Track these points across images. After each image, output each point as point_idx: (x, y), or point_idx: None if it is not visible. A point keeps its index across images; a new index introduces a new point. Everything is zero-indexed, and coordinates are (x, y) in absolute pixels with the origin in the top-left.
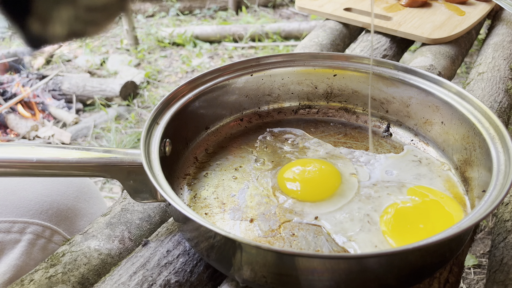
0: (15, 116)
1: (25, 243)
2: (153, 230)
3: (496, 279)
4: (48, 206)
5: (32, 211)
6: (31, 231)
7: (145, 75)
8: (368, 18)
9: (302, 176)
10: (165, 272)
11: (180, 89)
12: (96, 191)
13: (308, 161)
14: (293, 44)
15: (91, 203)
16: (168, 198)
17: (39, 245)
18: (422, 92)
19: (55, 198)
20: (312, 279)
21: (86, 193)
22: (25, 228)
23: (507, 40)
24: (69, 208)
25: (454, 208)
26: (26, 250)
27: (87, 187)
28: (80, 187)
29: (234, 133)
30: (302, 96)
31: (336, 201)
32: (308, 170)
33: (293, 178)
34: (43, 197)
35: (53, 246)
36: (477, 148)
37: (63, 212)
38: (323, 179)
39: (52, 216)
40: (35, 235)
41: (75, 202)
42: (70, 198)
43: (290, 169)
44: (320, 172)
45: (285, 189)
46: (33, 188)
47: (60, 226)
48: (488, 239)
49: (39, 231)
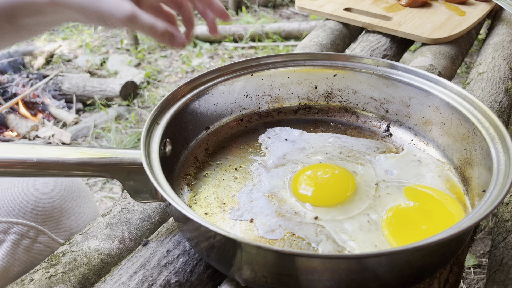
0: (15, 116)
1: (9, 244)
2: (153, 230)
3: (496, 279)
4: (33, 205)
5: (17, 211)
6: (16, 231)
7: (145, 75)
8: (368, 18)
9: (316, 181)
10: (165, 272)
11: (180, 89)
12: (84, 189)
13: (323, 166)
14: (293, 44)
15: (79, 202)
16: (168, 198)
17: (23, 245)
18: (422, 92)
19: (41, 198)
20: (312, 279)
21: (73, 192)
22: (9, 228)
23: (507, 40)
24: (55, 207)
25: (455, 207)
26: (10, 251)
27: (75, 185)
28: (67, 186)
29: (234, 133)
30: (302, 96)
31: (347, 207)
32: (321, 176)
33: (308, 183)
34: (28, 196)
35: (38, 246)
36: (477, 148)
37: (49, 211)
38: (338, 185)
39: (37, 215)
40: (20, 235)
41: (62, 201)
42: (56, 197)
43: (304, 173)
44: (334, 178)
45: (297, 193)
46: (18, 187)
47: (46, 225)
48: (488, 239)
49: (24, 231)
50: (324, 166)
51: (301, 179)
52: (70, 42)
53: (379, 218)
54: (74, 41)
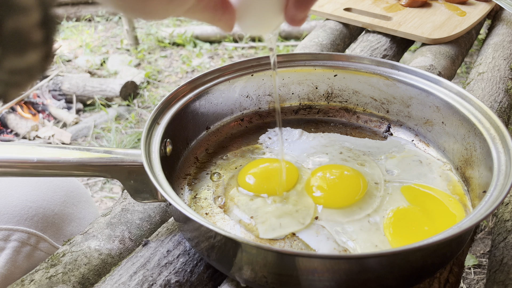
0: (15, 116)
1: (10, 251)
2: (153, 230)
3: (496, 279)
4: (34, 212)
5: (17, 218)
6: (16, 238)
7: (145, 75)
8: (368, 18)
9: (329, 183)
10: (165, 272)
11: (180, 89)
12: (85, 194)
13: (335, 167)
14: (293, 44)
15: (80, 207)
16: (169, 198)
17: (24, 253)
18: (423, 92)
19: (41, 204)
20: (313, 279)
21: (74, 197)
22: (9, 235)
23: (507, 40)
24: (55, 213)
25: (456, 207)
26: (11, 258)
27: (76, 190)
28: (68, 192)
29: (235, 133)
30: (303, 96)
31: (348, 207)
32: (335, 177)
33: (320, 185)
34: (29, 202)
35: (39, 254)
36: (477, 148)
37: (50, 218)
38: (350, 188)
39: (38, 222)
40: (20, 242)
41: (62, 207)
42: (57, 203)
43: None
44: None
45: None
46: (18, 194)
47: (47, 232)
48: (488, 239)
49: (24, 238)
50: (336, 168)
51: (314, 180)
52: (70, 42)
53: (379, 218)
54: (74, 41)
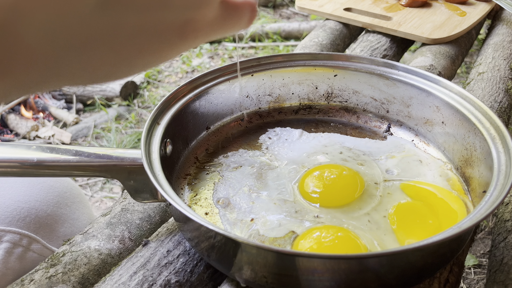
0: (15, 116)
1: (2, 252)
2: (153, 230)
3: (496, 279)
4: (26, 213)
5: (9, 219)
6: (8, 239)
7: (145, 75)
8: (368, 18)
9: (325, 182)
10: (165, 272)
11: (180, 89)
12: (79, 195)
13: (332, 167)
14: (293, 44)
15: (73, 208)
16: (169, 198)
17: (16, 254)
18: (423, 92)
19: (34, 205)
20: (313, 279)
21: (67, 198)
22: (1, 236)
23: (507, 40)
24: (48, 214)
25: (457, 203)
26: (3, 260)
27: (69, 191)
28: (61, 192)
29: (235, 133)
30: (303, 96)
31: (348, 207)
32: (330, 176)
33: (317, 184)
34: (21, 203)
35: (31, 255)
36: (477, 148)
37: (42, 218)
38: (348, 187)
39: (30, 223)
40: (12, 243)
41: (56, 208)
42: (50, 204)
43: (312, 174)
44: (343, 179)
45: (305, 193)
46: (10, 195)
47: (39, 233)
48: (488, 239)
49: (16, 239)
50: (333, 167)
51: (309, 179)
52: None
53: (380, 217)
54: None
